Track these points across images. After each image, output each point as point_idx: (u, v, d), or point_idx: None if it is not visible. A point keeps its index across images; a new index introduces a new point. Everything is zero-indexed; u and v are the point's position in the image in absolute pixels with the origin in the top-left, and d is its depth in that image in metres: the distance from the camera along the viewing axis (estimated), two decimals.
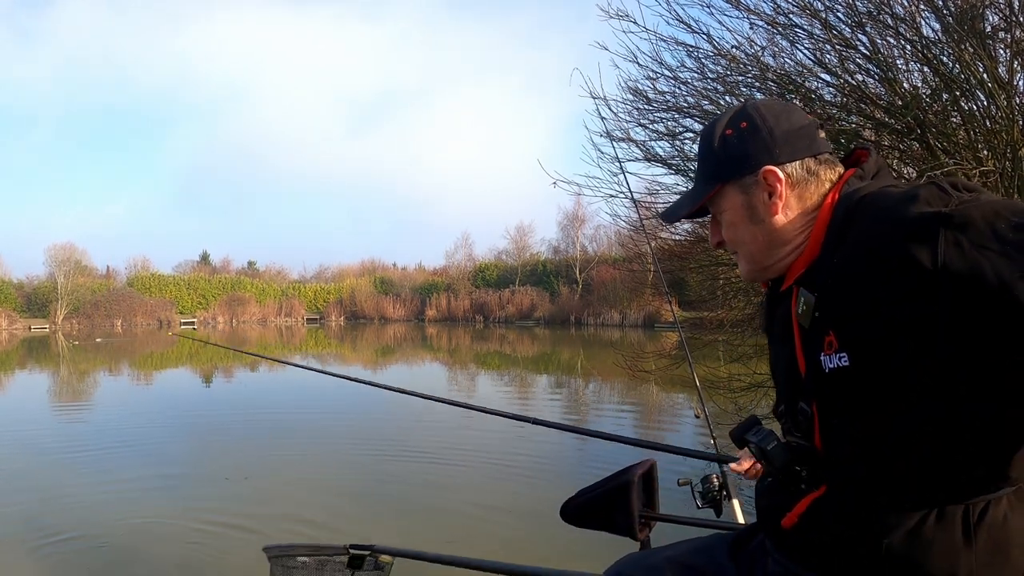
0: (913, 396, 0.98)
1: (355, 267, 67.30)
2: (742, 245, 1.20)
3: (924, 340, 0.95)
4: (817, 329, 1.07)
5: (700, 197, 1.22)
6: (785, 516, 1.16)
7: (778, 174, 1.13)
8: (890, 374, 0.99)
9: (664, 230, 6.04)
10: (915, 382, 0.98)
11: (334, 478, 6.50)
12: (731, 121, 1.19)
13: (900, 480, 1.02)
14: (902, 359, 0.97)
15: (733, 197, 1.18)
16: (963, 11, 3.37)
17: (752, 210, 1.16)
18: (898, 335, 0.97)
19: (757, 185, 1.15)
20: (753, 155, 1.15)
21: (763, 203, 1.15)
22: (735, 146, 1.16)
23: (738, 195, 1.17)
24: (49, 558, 4.49)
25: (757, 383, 5.72)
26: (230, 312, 57.56)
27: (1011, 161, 3.40)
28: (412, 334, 39.94)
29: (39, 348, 30.73)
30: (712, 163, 1.20)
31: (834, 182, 1.16)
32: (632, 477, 1.92)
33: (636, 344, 17.37)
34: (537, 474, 6.54)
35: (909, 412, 0.99)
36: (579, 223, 53.87)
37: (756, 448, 1.19)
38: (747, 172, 1.15)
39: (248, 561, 4.41)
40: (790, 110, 1.19)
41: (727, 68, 4.40)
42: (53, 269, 53.70)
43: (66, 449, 7.98)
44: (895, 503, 1.02)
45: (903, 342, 0.97)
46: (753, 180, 1.15)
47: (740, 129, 1.17)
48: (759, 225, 1.16)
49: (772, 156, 1.14)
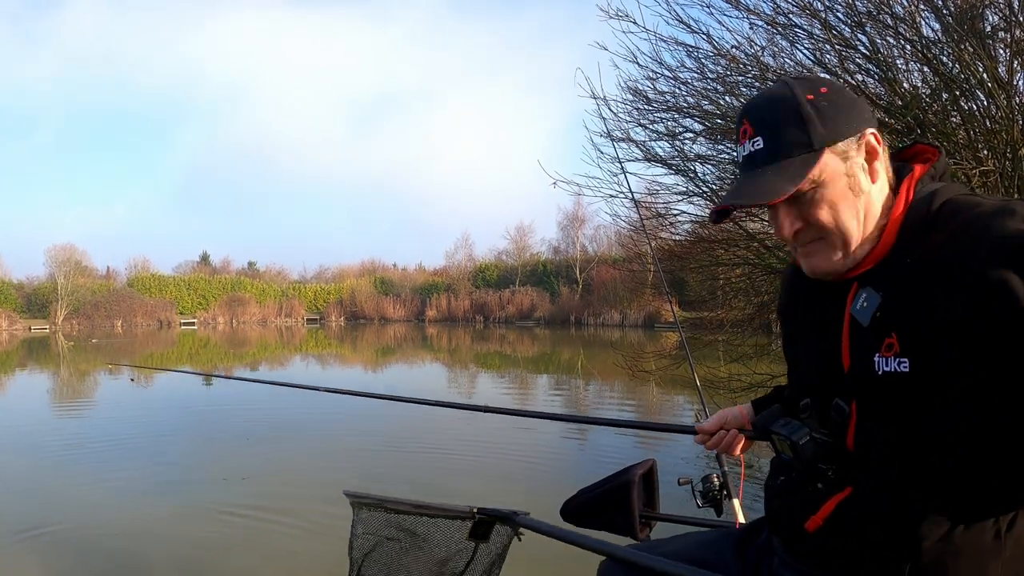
0: (951, 401, 0.96)
1: (355, 267, 67.36)
2: (843, 225, 1.06)
3: (977, 352, 0.93)
4: (877, 329, 1.03)
5: (807, 167, 1.04)
6: (808, 519, 1.11)
7: (877, 135, 1.06)
8: (937, 381, 0.97)
9: (664, 230, 6.04)
10: (957, 389, 0.95)
11: (333, 478, 6.49)
12: (808, 86, 1.08)
13: (932, 485, 1.00)
14: (948, 365, 0.95)
15: (835, 167, 1.05)
16: (963, 11, 3.37)
17: (854, 179, 1.05)
18: (954, 344, 0.94)
19: (858, 150, 1.06)
20: (853, 117, 1.06)
21: (863, 170, 1.06)
22: (830, 108, 1.05)
23: (840, 163, 1.05)
24: (49, 558, 4.49)
25: (757, 383, 5.72)
26: (230, 312, 57.55)
27: (1011, 161, 3.40)
28: (412, 334, 39.93)
29: (39, 349, 30.73)
30: (805, 128, 1.05)
31: (895, 170, 1.11)
32: (632, 477, 1.92)
33: (636, 344, 17.38)
34: (537, 474, 6.54)
35: (944, 417, 0.97)
36: (579, 223, 53.91)
37: (786, 442, 1.14)
38: (850, 135, 1.05)
39: (248, 561, 4.41)
40: (839, 85, 1.15)
41: (727, 68, 4.40)
42: (53, 270, 53.74)
43: (65, 449, 7.98)
44: (927, 508, 1.00)
45: (954, 350, 0.94)
46: (855, 145, 1.05)
47: (823, 94, 1.06)
48: (860, 197, 1.06)
49: (867, 118, 1.08)
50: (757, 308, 6.32)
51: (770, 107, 1.09)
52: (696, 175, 5.13)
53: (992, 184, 3.48)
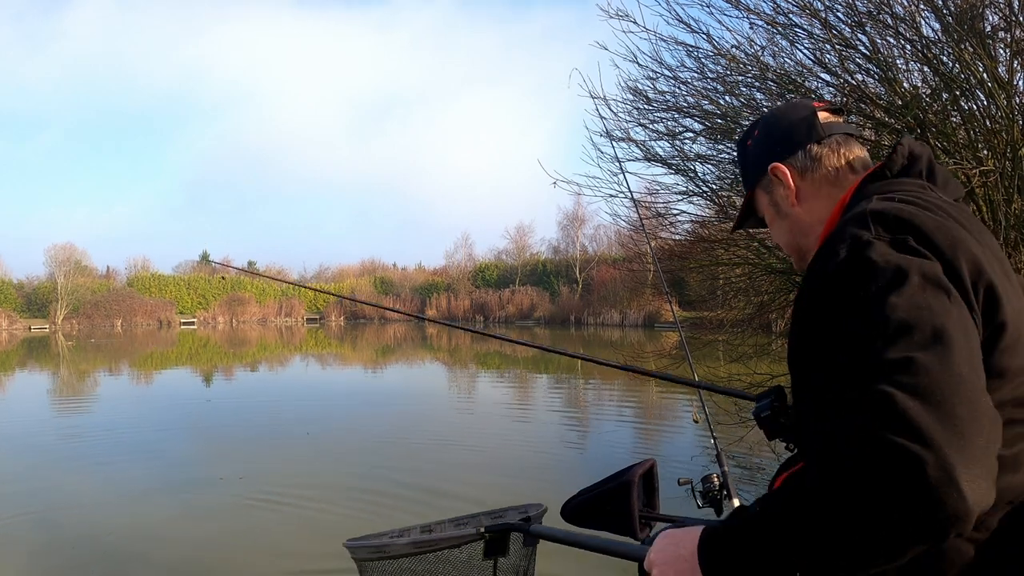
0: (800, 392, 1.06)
1: (355, 267, 67.42)
2: (781, 240, 1.31)
3: (811, 356, 1.00)
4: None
5: (742, 207, 1.36)
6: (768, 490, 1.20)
7: (782, 167, 1.23)
8: (802, 370, 1.05)
9: (664, 230, 6.04)
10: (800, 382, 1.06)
11: (331, 478, 6.49)
12: (749, 133, 1.33)
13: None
14: (807, 359, 1.03)
15: (762, 199, 1.30)
16: (963, 11, 3.37)
17: (776, 206, 1.27)
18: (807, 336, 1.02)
19: (773, 183, 1.26)
20: (764, 157, 1.26)
21: (782, 197, 1.25)
22: (752, 153, 1.30)
23: (764, 196, 1.29)
24: (48, 558, 4.49)
25: (757, 383, 5.71)
26: (230, 312, 57.56)
27: (1011, 161, 3.40)
28: (412, 334, 39.93)
29: (39, 348, 30.72)
30: (744, 174, 1.35)
31: (849, 165, 1.21)
32: (632, 477, 1.91)
33: (636, 344, 17.36)
34: (537, 473, 6.54)
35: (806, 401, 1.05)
36: (579, 223, 53.94)
37: (753, 415, 1.32)
38: (762, 174, 1.27)
39: (248, 561, 4.41)
40: (794, 106, 1.30)
41: (727, 68, 4.40)
42: (53, 269, 53.76)
43: (64, 449, 7.98)
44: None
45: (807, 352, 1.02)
46: (768, 179, 1.26)
47: (755, 138, 1.30)
48: (785, 219, 1.26)
49: (775, 154, 1.25)
50: (757, 308, 6.31)
51: (737, 151, 1.45)
52: (696, 175, 5.12)
53: (992, 184, 3.48)
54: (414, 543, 1.65)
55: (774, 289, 5.99)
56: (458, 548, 1.62)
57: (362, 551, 1.72)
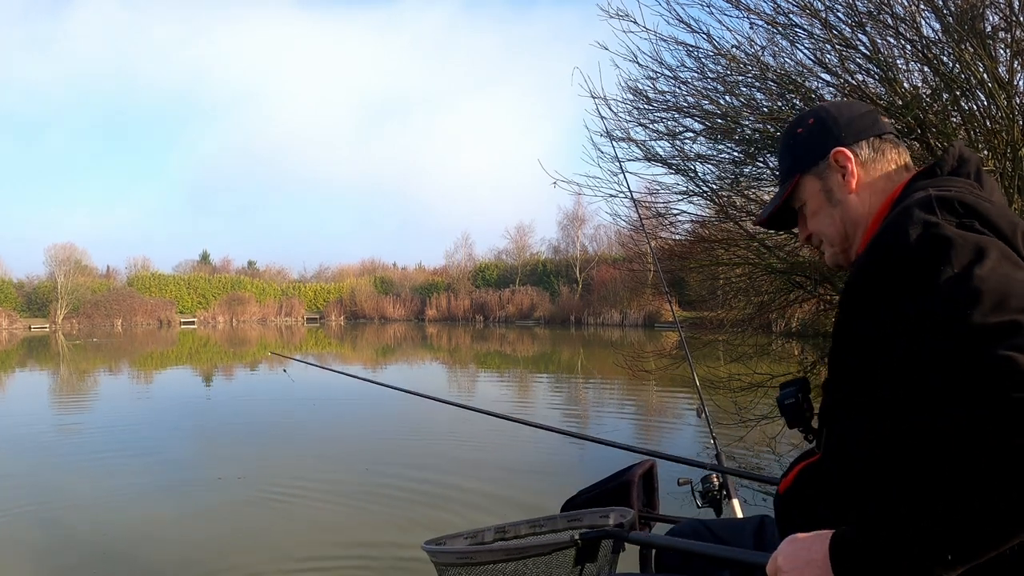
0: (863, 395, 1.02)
1: (355, 267, 67.37)
2: (825, 230, 1.27)
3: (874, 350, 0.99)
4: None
5: (783, 193, 1.31)
6: (782, 480, 1.21)
7: (847, 153, 1.22)
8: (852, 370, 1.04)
9: (664, 230, 6.04)
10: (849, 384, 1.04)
11: (331, 478, 6.49)
12: (800, 122, 1.32)
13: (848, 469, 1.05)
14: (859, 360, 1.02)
15: (811, 185, 1.27)
16: (963, 11, 3.37)
17: (829, 193, 1.25)
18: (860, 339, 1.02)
19: (831, 168, 1.24)
20: (823, 142, 1.25)
21: (838, 184, 1.24)
22: (806, 140, 1.28)
23: (815, 182, 1.27)
24: (48, 558, 4.49)
25: (757, 383, 5.72)
26: (230, 312, 57.55)
27: (1011, 161, 3.40)
28: (412, 334, 39.93)
29: (39, 348, 30.72)
30: (788, 161, 1.32)
31: (904, 166, 1.23)
32: (632, 477, 1.92)
33: (636, 344, 17.38)
34: (537, 473, 6.54)
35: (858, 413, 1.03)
36: (579, 223, 53.93)
37: (777, 401, 1.35)
38: (819, 158, 1.25)
39: (248, 561, 4.41)
40: (851, 103, 1.34)
41: (727, 68, 4.40)
42: (53, 269, 53.73)
43: (63, 448, 7.98)
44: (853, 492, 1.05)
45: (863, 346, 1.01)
46: (826, 164, 1.24)
47: (808, 125, 1.29)
48: (837, 207, 1.24)
49: (839, 139, 1.24)
50: (757, 308, 6.32)
51: (780, 145, 1.38)
52: (696, 175, 5.12)
53: None
54: (505, 551, 1.59)
55: (774, 289, 5.99)
56: (547, 555, 1.54)
57: (445, 556, 1.65)
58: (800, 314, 8.13)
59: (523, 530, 1.71)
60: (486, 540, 1.66)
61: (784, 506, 1.20)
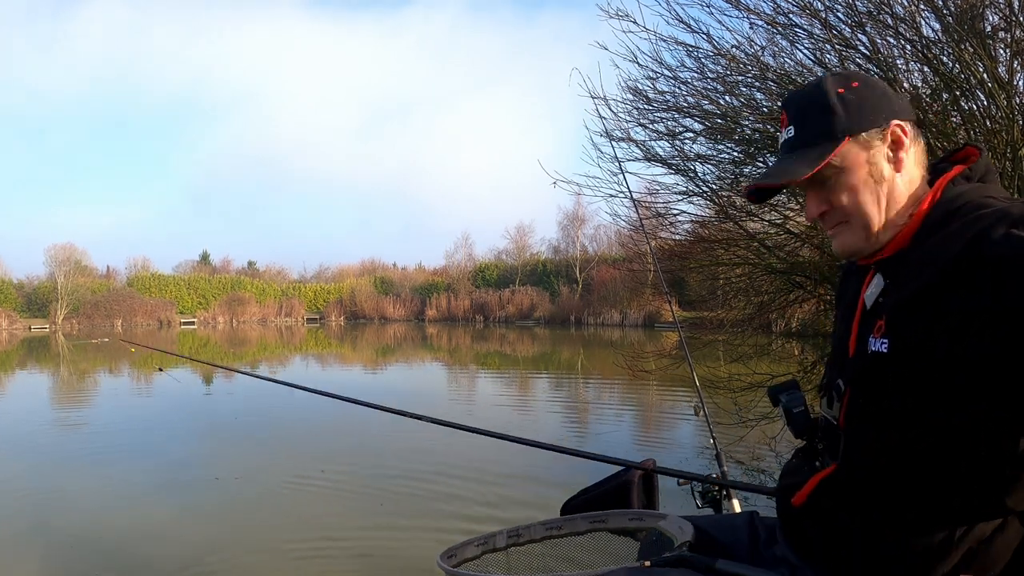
0: (930, 400, 0.98)
1: (355, 267, 67.35)
2: (863, 208, 1.11)
3: (962, 349, 0.94)
4: (875, 313, 1.09)
5: (826, 153, 1.11)
6: (795, 494, 1.16)
7: (905, 127, 1.11)
8: (922, 372, 0.99)
9: (664, 230, 6.03)
10: (939, 386, 0.97)
11: (331, 478, 6.49)
12: (840, 81, 1.15)
13: (900, 478, 1.01)
14: (938, 359, 0.97)
15: (856, 155, 1.11)
16: (963, 11, 3.37)
17: (876, 167, 1.11)
18: (941, 337, 0.96)
19: (883, 140, 1.11)
20: (879, 108, 1.11)
21: (888, 159, 1.11)
22: (857, 100, 1.12)
23: (862, 152, 1.11)
24: (47, 558, 4.49)
25: (757, 383, 5.71)
26: (230, 312, 57.53)
27: (1011, 161, 3.40)
28: (412, 334, 39.92)
29: (39, 348, 30.72)
30: (829, 119, 1.12)
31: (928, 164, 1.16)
32: (632, 477, 1.92)
33: (636, 344, 17.37)
34: (537, 473, 6.53)
35: (921, 414, 0.99)
36: (579, 223, 53.93)
37: (784, 408, 1.27)
38: (875, 126, 1.11)
39: (247, 561, 4.41)
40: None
41: (727, 68, 4.39)
42: (53, 269, 53.72)
43: (63, 448, 7.98)
44: (893, 500, 1.02)
45: (944, 345, 0.96)
46: (879, 135, 1.11)
47: (853, 88, 1.13)
48: (882, 184, 1.11)
49: (894, 111, 1.12)
50: (757, 308, 6.31)
51: (803, 98, 1.17)
52: (696, 175, 5.12)
53: None
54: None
55: (774, 289, 5.99)
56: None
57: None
58: (800, 314, 8.12)
59: (537, 533, 1.60)
60: (498, 545, 1.56)
61: (796, 518, 1.17)
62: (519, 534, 1.59)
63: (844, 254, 1.18)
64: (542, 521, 1.64)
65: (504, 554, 1.56)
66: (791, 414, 1.27)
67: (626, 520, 1.58)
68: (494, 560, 1.55)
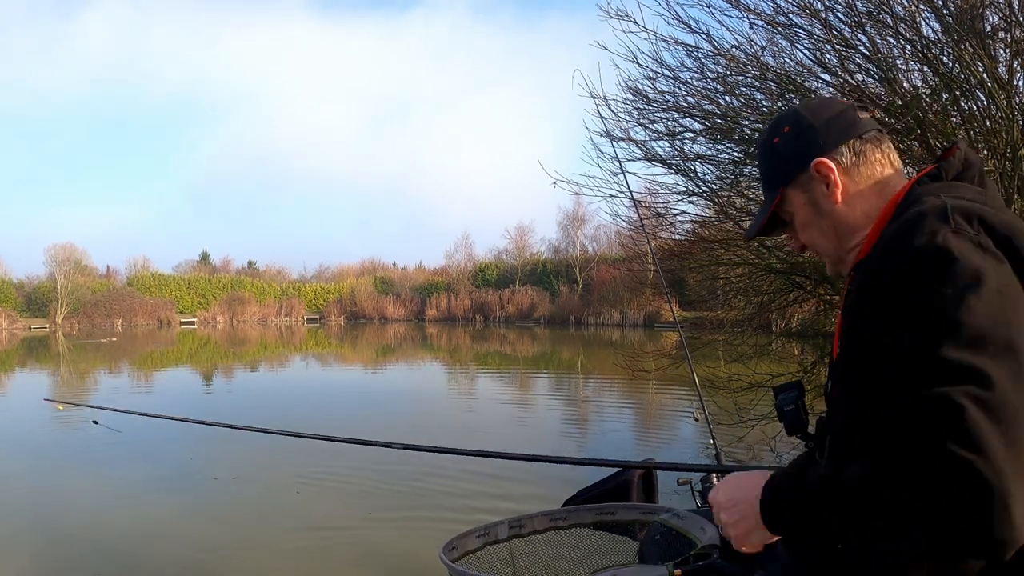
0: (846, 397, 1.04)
1: (355, 267, 67.32)
2: (817, 242, 1.22)
3: (870, 348, 0.97)
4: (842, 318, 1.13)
5: (768, 207, 1.25)
6: None
7: (827, 163, 1.16)
8: (854, 371, 1.02)
9: (664, 230, 6.04)
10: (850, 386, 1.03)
11: (330, 477, 6.49)
12: (776, 130, 1.24)
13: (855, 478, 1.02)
14: (859, 360, 1.00)
15: (796, 198, 1.21)
16: (963, 11, 3.37)
17: (815, 205, 1.19)
18: (859, 337, 1.01)
19: (813, 180, 1.18)
20: (802, 152, 1.18)
21: (823, 195, 1.17)
22: (784, 150, 1.21)
23: (800, 195, 1.20)
24: (47, 558, 4.49)
25: (757, 383, 5.71)
26: (230, 312, 57.53)
27: (1011, 161, 3.40)
28: (412, 334, 39.92)
29: (39, 348, 30.72)
30: (769, 173, 1.25)
31: (891, 164, 1.18)
32: (632, 477, 1.92)
33: (636, 344, 17.38)
34: (537, 472, 6.53)
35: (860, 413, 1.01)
36: (579, 223, 53.91)
37: (776, 407, 1.34)
38: (800, 170, 1.19)
39: (247, 561, 4.41)
40: (827, 102, 1.26)
41: (727, 68, 4.40)
42: (53, 269, 53.69)
43: (62, 448, 7.98)
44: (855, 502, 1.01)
45: (859, 345, 1.00)
46: (808, 176, 1.18)
47: (784, 134, 1.22)
48: (825, 218, 1.18)
49: (818, 148, 1.17)
50: (757, 308, 6.31)
51: (758, 154, 1.30)
52: (696, 175, 5.12)
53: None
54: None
55: (774, 289, 5.99)
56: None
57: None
58: (800, 314, 8.12)
59: (539, 524, 1.61)
60: (500, 536, 1.58)
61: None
62: (521, 525, 1.61)
63: (832, 275, 1.29)
64: (545, 512, 1.64)
65: (506, 545, 1.57)
66: (782, 412, 1.33)
67: (637, 513, 1.59)
68: (496, 552, 1.56)
